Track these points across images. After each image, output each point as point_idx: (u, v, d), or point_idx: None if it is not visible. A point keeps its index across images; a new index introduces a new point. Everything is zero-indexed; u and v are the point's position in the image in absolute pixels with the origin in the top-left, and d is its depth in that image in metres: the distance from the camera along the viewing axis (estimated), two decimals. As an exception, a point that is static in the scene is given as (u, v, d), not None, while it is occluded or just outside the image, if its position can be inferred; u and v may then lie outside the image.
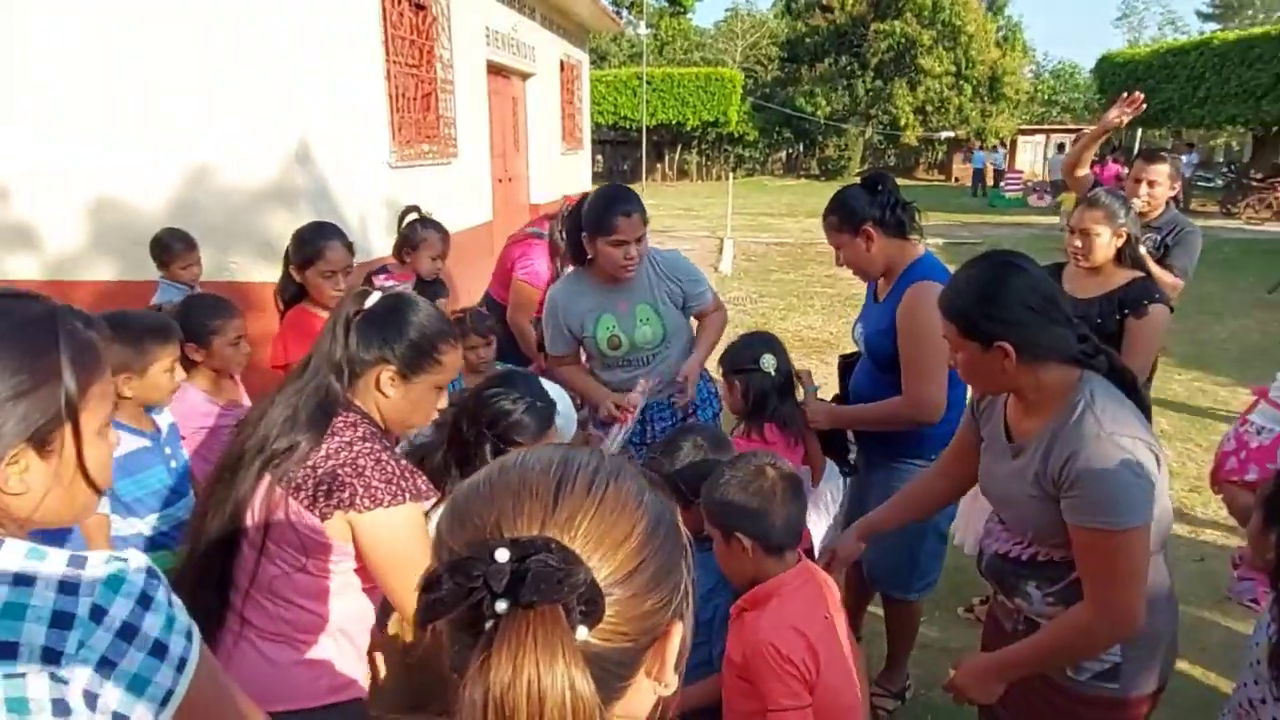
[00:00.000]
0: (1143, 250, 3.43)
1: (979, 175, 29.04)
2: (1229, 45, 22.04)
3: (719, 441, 2.18)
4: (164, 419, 2.44)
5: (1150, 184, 3.60)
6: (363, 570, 1.61)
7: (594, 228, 2.82)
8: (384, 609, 1.77)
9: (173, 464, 2.38)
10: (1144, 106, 3.70)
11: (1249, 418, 2.63)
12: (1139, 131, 29.41)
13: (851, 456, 2.90)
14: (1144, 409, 1.73)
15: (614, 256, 2.81)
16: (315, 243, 2.96)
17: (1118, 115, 3.65)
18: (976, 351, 1.69)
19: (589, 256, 2.89)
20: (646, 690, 0.70)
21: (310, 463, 1.52)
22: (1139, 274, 3.00)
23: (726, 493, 1.77)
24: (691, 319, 3.13)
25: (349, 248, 3.06)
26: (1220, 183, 21.13)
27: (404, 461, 1.61)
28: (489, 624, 0.59)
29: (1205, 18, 52.96)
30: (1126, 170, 5.10)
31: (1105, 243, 2.94)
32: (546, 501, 0.65)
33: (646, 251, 2.92)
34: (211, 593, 1.57)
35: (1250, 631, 1.81)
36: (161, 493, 2.32)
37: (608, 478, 0.69)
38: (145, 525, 2.29)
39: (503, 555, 0.59)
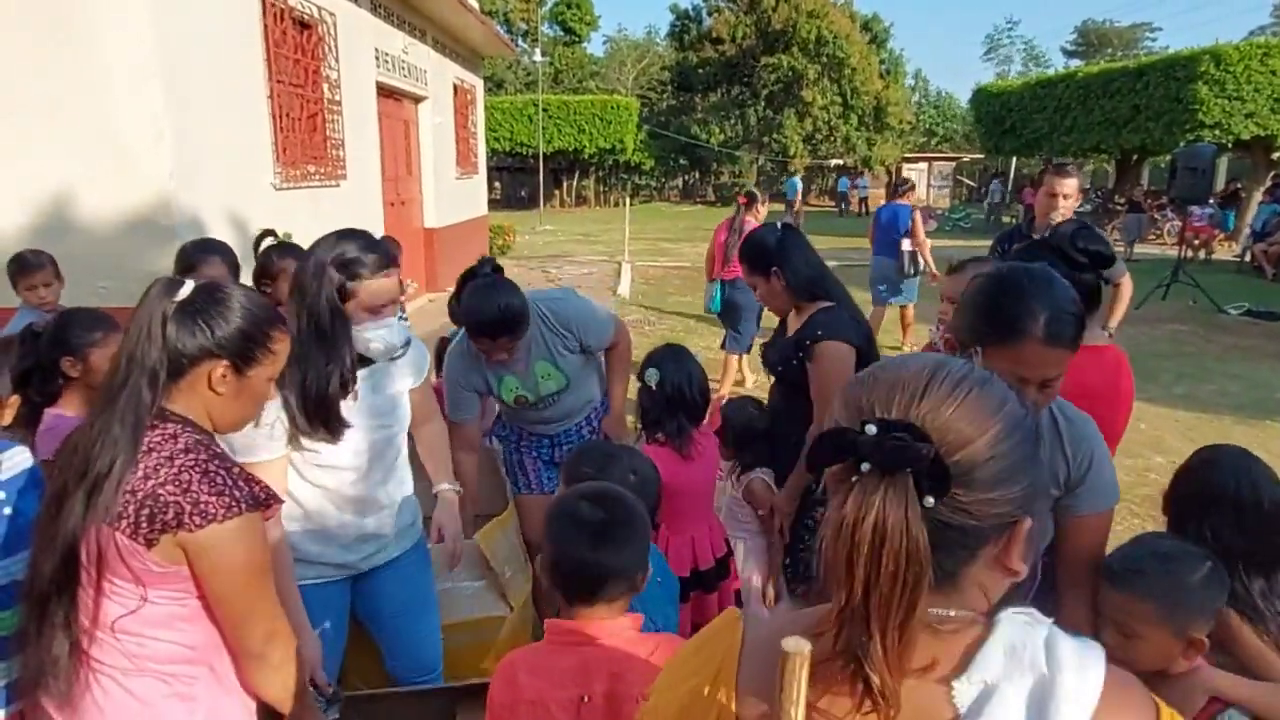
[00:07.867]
0: None
1: (844, 198, 33.61)
2: (1092, 78, 23.38)
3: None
4: (15, 460, 2.16)
5: (1064, 197, 3.85)
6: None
7: (470, 332, 2.70)
8: None
9: (5, 511, 2.10)
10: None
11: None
12: (1014, 160, 31.09)
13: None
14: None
15: (489, 356, 2.72)
16: (194, 255, 2.76)
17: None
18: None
19: None
20: (997, 574, 0.82)
21: (129, 487, 1.36)
22: None
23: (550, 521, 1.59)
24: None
25: (233, 267, 2.87)
26: (1089, 207, 22.37)
27: (236, 468, 1.45)
28: (854, 479, 0.75)
29: (1069, 54, 56.77)
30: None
31: None
32: (915, 393, 0.78)
33: (526, 344, 2.76)
34: (59, 636, 1.40)
35: None
36: None
37: (973, 385, 0.80)
38: None
39: (871, 430, 0.75)
